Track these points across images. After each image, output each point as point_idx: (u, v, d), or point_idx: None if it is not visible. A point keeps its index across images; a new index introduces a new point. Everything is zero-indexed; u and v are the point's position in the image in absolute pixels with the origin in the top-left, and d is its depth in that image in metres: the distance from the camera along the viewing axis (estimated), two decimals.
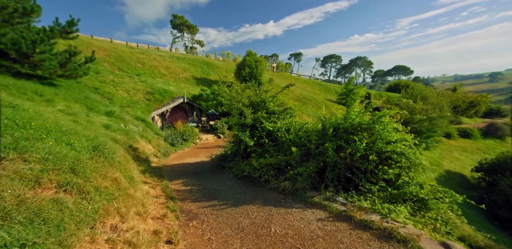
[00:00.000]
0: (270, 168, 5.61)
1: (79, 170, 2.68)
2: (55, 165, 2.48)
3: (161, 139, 12.76)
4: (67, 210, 2.01)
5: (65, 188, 2.33)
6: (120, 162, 4.14)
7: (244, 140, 6.56)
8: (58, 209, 1.94)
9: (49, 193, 2.16)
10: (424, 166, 3.79)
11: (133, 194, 3.42)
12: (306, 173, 4.76)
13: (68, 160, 2.67)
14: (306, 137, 5.62)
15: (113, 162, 3.80)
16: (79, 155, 3.05)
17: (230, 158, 7.91)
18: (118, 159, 4.14)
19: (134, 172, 5.01)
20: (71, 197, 2.31)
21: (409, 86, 36.00)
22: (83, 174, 2.68)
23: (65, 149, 2.91)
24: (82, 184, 2.51)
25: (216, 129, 17.25)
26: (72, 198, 2.29)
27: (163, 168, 8.57)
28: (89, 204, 2.37)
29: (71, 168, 2.62)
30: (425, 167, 3.81)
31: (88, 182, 2.64)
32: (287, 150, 5.99)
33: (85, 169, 2.78)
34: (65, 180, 2.41)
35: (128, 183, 3.71)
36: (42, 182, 2.19)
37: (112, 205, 2.67)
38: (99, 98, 13.30)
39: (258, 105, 7.27)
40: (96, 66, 17.59)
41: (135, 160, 7.03)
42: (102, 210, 2.46)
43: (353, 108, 4.66)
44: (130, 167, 4.82)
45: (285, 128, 6.78)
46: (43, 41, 8.88)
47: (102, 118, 9.34)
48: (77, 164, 2.73)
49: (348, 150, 4.03)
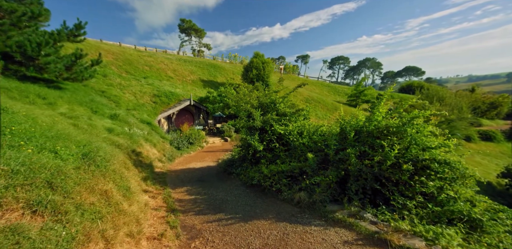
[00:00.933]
0: (282, 176, 5.04)
1: (58, 183, 2.22)
2: (27, 178, 2.03)
3: (167, 143, 12.40)
4: (26, 242, 1.53)
5: (36, 209, 1.87)
6: (115, 171, 3.69)
7: (253, 144, 6.02)
8: (12, 242, 1.47)
9: (12, 216, 1.71)
10: (477, 177, 3.12)
11: (126, 209, 2.94)
12: (325, 183, 4.16)
13: (45, 172, 2.22)
14: (323, 141, 5.02)
15: (106, 171, 3.35)
16: (64, 164, 2.61)
17: (237, 164, 7.38)
18: (113, 167, 3.69)
19: (133, 180, 4.56)
20: (42, 220, 1.85)
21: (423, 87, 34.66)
22: (62, 189, 2.22)
23: (46, 158, 2.47)
24: (60, 202, 2.05)
25: (223, 132, 16.81)
26: (43, 221, 1.83)
27: (167, 174, 8.13)
28: (64, 228, 1.89)
29: (48, 182, 2.17)
30: (478, 178, 3.13)
31: (69, 199, 2.18)
32: (301, 156, 5.41)
33: (66, 182, 2.33)
34: (38, 197, 1.96)
35: (122, 195, 3.25)
36: (5, 202, 1.74)
37: (97, 226, 2.20)
38: (105, 102, 13.14)
39: (267, 106, 6.73)
40: (104, 70, 17.62)
41: (137, 165, 6.61)
42: (82, 235, 1.98)
43: (378, 109, 4.05)
44: (128, 175, 4.37)
45: (297, 131, 6.20)
46: (48, 43, 8.72)
47: (105, 121, 9.05)
48: (56, 176, 2.28)
49: (376, 157, 3.42)
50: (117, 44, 24.90)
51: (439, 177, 3.20)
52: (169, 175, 8.02)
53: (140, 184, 5.31)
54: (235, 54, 38.65)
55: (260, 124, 6.08)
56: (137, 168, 6.38)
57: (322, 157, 4.79)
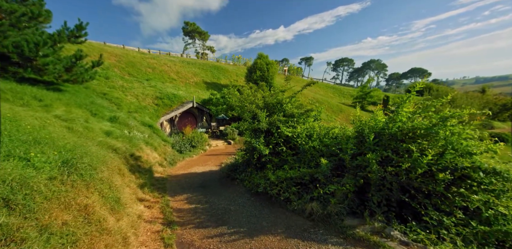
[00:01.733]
0: (291, 183, 4.54)
1: (18, 200, 1.78)
2: None
3: (168, 146, 12.01)
4: None
5: None
6: (104, 179, 3.26)
7: (258, 148, 5.54)
8: None
9: None
10: None
11: (111, 227, 2.49)
12: (341, 193, 3.64)
13: (2, 186, 1.78)
14: (336, 145, 4.51)
15: (92, 180, 2.92)
16: (36, 174, 2.19)
17: (241, 168, 6.90)
18: (101, 175, 3.26)
19: (127, 189, 4.12)
20: None
21: (432, 88, 33.78)
22: (24, 207, 1.78)
23: (11, 167, 2.05)
24: (17, 225, 1.61)
25: (226, 135, 16.38)
26: None
27: (167, 179, 7.70)
28: None
29: (4, 199, 1.73)
30: None
31: (31, 220, 1.74)
32: (311, 161, 4.90)
33: (32, 198, 1.90)
34: None
35: (109, 208, 2.81)
36: None
37: None
38: (106, 104, 12.86)
39: (273, 107, 6.26)
40: (106, 72, 17.46)
41: (135, 171, 6.19)
42: None
43: (403, 108, 3.54)
44: (121, 184, 3.93)
45: (306, 134, 5.71)
46: (46, 43, 8.47)
47: (104, 124, 8.70)
48: (18, 191, 1.84)
49: (405, 164, 2.90)
50: (120, 46, 24.90)
51: (484, 188, 2.67)
52: (169, 181, 7.58)
53: (135, 192, 4.87)
54: (239, 56, 38.47)
55: (266, 126, 5.61)
56: (134, 174, 5.95)
57: (336, 162, 4.28)
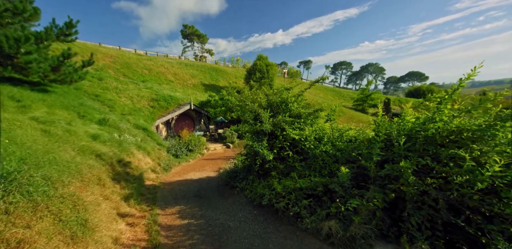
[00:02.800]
0: (300, 194, 3.84)
1: None
2: None
3: (163, 150, 11.27)
4: None
5: None
6: (66, 196, 2.56)
7: (261, 153, 4.85)
8: None
9: None
10: None
11: None
12: (366, 209, 2.94)
13: None
14: (354, 150, 3.84)
15: (45, 198, 2.23)
16: None
17: (241, 175, 6.19)
18: (62, 190, 2.56)
19: (104, 204, 3.40)
20: None
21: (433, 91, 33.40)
22: None
23: None
24: None
25: (225, 138, 15.68)
26: None
27: (159, 187, 6.96)
28: None
29: None
30: None
31: None
32: (323, 168, 4.21)
33: None
34: None
35: (68, 236, 2.11)
36: None
37: None
38: (98, 106, 12.15)
39: (277, 107, 5.60)
40: (100, 73, 16.80)
41: (121, 179, 5.45)
42: None
43: (446, 106, 2.88)
44: (93, 199, 3.22)
45: (314, 136, 5.03)
46: (29, 39, 7.80)
47: (91, 127, 7.98)
48: None
49: (460, 178, 2.22)
50: (116, 48, 24.32)
51: None
52: (161, 189, 6.84)
53: (118, 206, 4.14)
54: (238, 58, 38.03)
55: (270, 128, 4.93)
56: (120, 183, 5.22)
57: (355, 170, 3.59)
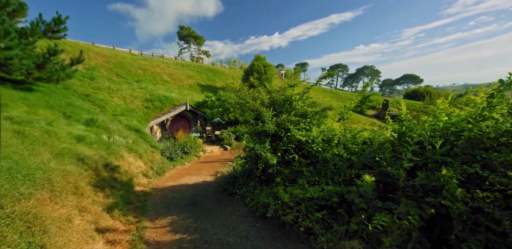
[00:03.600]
0: (311, 205, 3.31)
1: None
2: None
3: (157, 152, 10.65)
4: None
5: None
6: (15, 215, 1.97)
7: (263, 156, 4.32)
8: None
9: None
10: None
11: None
12: (398, 229, 2.42)
13: None
14: (371, 153, 3.33)
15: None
16: None
17: (241, 181, 5.64)
18: (11, 209, 1.97)
19: (77, 220, 2.82)
20: None
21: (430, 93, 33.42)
22: None
23: None
24: None
25: (222, 140, 15.10)
26: None
27: (151, 194, 6.35)
28: None
29: None
30: None
31: None
32: (335, 174, 3.69)
33: None
34: None
35: None
36: None
37: None
38: (88, 106, 11.50)
39: (280, 105, 5.09)
40: (92, 72, 16.12)
41: (105, 186, 4.85)
42: None
43: (499, 98, 2.36)
44: (57, 215, 2.63)
45: (322, 138, 4.52)
46: (9, 33, 7.18)
47: (77, 128, 7.36)
48: None
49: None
50: (110, 47, 23.63)
51: None
52: (153, 196, 6.23)
53: (98, 219, 3.55)
54: (235, 59, 37.59)
55: (273, 128, 4.40)
56: (104, 191, 4.62)
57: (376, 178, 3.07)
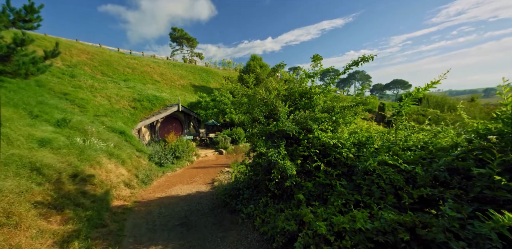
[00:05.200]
0: (362, 241, 2.24)
1: None
2: None
3: (144, 157, 9.39)
4: None
5: None
6: None
7: (280, 164, 3.25)
8: None
9: None
10: None
11: None
12: None
13: None
14: (450, 163, 2.31)
15: None
16: None
17: (247, 194, 4.51)
18: None
19: None
20: None
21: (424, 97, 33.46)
22: None
23: None
24: None
25: (217, 143, 13.93)
26: None
27: (132, 210, 5.13)
28: None
29: None
30: None
31: None
32: (389, 192, 2.63)
33: None
34: None
35: None
36: None
37: None
38: (65, 105, 10.13)
39: (294, 101, 4.05)
40: (73, 70, 14.68)
41: (67, 206, 3.62)
42: None
43: None
44: None
45: (353, 141, 3.51)
46: None
47: (43, 129, 6.07)
48: None
49: None
50: (96, 45, 22.09)
51: None
52: (135, 213, 5.02)
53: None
54: (229, 60, 36.58)
55: (294, 128, 3.35)
56: (63, 213, 3.40)
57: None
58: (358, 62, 3.54)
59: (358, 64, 3.57)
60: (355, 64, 3.56)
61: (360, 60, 3.49)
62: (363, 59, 3.45)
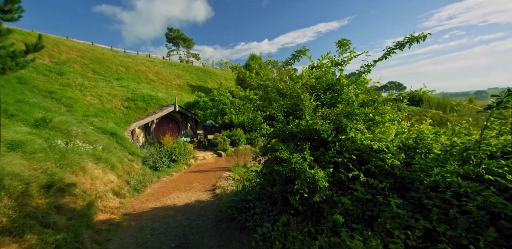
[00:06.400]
0: None
1: None
2: None
3: (138, 161, 8.52)
4: None
5: None
6: None
7: (308, 174, 2.47)
8: None
9: None
10: None
11: None
12: None
13: None
14: None
15: None
16: None
17: (258, 208, 3.70)
18: None
19: None
20: None
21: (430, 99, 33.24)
22: None
23: None
24: None
25: (216, 145, 13.11)
26: None
27: (120, 226, 4.29)
28: None
29: None
30: None
31: None
32: (474, 222, 1.87)
33: None
34: None
35: None
36: None
37: None
38: (49, 104, 9.22)
39: (319, 95, 3.30)
40: (61, 67, 13.73)
41: (29, 228, 2.79)
42: None
43: None
44: None
45: (398, 144, 2.77)
46: None
47: (17, 130, 5.20)
48: None
49: None
50: (88, 43, 21.09)
51: None
52: (123, 230, 4.17)
53: None
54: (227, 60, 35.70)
55: (327, 128, 2.59)
56: (22, 240, 2.56)
57: None
58: (403, 44, 2.81)
59: (402, 47, 2.84)
60: (399, 46, 2.83)
61: (406, 41, 2.76)
62: (411, 39, 2.72)
